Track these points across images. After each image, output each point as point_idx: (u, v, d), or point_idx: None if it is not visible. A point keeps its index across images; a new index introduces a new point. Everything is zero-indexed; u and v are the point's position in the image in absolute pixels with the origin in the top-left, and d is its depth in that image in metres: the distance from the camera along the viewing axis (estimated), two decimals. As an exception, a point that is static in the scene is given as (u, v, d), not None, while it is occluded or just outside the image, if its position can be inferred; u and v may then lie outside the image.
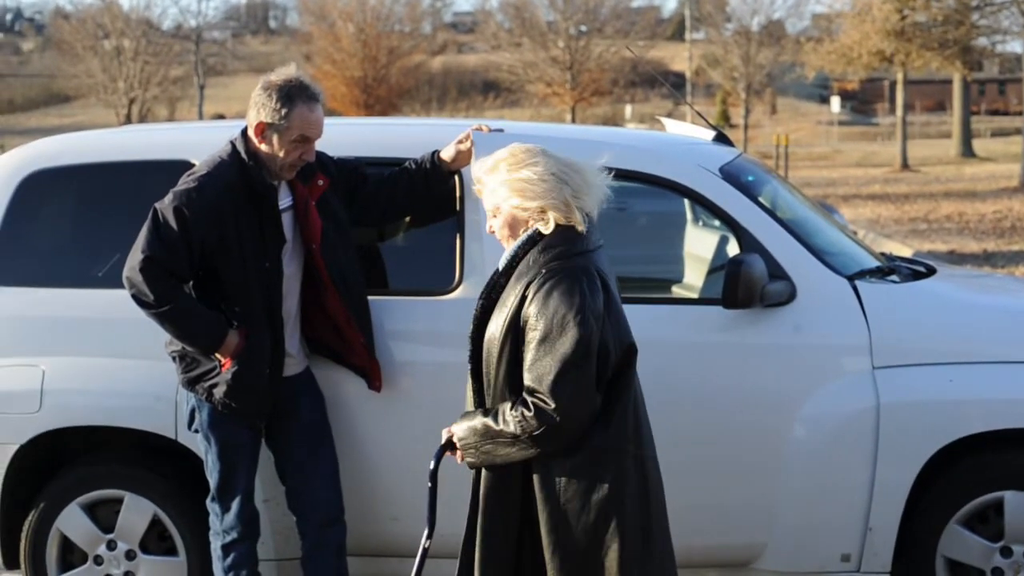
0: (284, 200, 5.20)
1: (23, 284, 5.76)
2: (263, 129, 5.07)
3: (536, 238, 4.11)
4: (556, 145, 4.31)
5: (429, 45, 72.88)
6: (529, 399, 3.98)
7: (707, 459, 5.41)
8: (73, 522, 5.63)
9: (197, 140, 5.95)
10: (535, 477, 4.07)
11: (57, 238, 6.02)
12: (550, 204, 4.08)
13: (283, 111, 5.02)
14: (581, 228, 4.11)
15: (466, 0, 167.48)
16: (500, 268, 4.17)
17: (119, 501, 5.61)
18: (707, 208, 5.63)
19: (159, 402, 5.50)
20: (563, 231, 4.09)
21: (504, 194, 4.14)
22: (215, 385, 5.11)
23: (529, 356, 4.00)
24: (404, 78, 61.94)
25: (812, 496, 5.34)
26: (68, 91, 70.78)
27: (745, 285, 5.18)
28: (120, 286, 5.10)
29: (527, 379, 4.00)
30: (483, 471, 4.14)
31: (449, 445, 4.24)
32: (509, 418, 3.99)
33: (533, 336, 3.99)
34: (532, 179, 4.09)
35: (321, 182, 5.25)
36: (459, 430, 4.15)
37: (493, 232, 4.23)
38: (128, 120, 56.35)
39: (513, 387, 4.06)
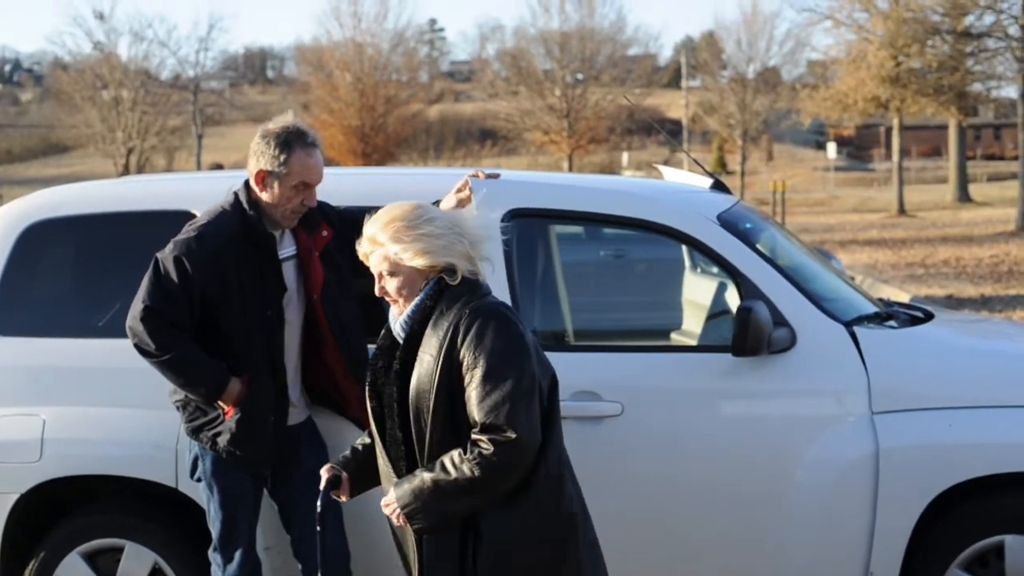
0: (288, 249, 5.22)
1: (24, 334, 5.77)
2: (263, 177, 5.10)
3: (443, 288, 4.10)
4: (557, 193, 4.34)
5: (426, 94, 73.08)
6: (484, 436, 3.94)
7: (712, 506, 5.42)
8: (74, 571, 5.61)
9: (197, 190, 5.99)
10: (485, 517, 4.03)
11: (58, 288, 6.03)
12: (455, 259, 4.08)
13: (282, 157, 5.06)
14: (482, 277, 4.15)
15: (463, 49, 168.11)
16: (403, 329, 4.13)
17: (120, 550, 5.60)
18: (707, 256, 5.65)
19: (159, 451, 5.50)
20: (466, 280, 4.10)
21: (407, 255, 4.08)
22: (219, 434, 5.12)
23: (475, 393, 3.96)
24: (401, 127, 62.09)
25: (813, 541, 5.34)
26: (66, 141, 70.89)
27: (754, 332, 5.20)
28: (120, 336, 5.11)
29: (479, 416, 3.95)
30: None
31: (331, 485, 4.30)
32: (462, 464, 3.95)
33: (476, 373, 3.96)
34: (434, 235, 4.07)
35: (325, 233, 5.28)
36: (401, 497, 4.05)
37: (385, 294, 4.16)
38: (126, 170, 56.48)
39: (451, 434, 4.02)
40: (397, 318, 4.17)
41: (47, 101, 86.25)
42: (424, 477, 4.02)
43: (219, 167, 52.61)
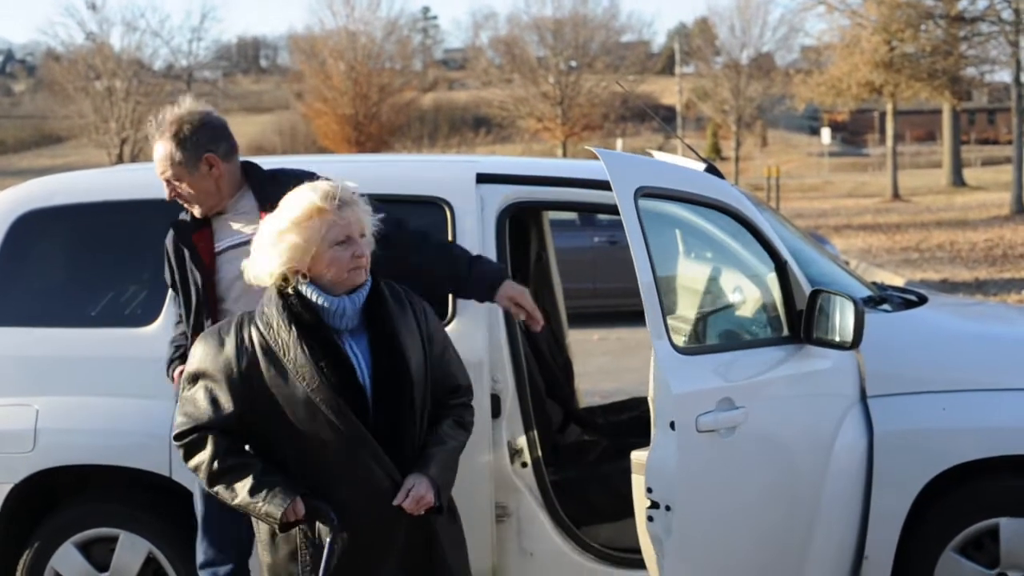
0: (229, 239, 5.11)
1: (17, 324, 5.76)
2: None
3: None
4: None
5: (420, 82, 73.02)
6: (467, 397, 4.22)
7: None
8: (68, 561, 5.61)
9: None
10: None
11: (50, 278, 6.02)
12: None
13: None
14: None
15: (456, 37, 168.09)
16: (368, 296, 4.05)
17: (114, 540, 5.60)
18: (749, 230, 5.45)
19: (153, 440, 5.48)
20: None
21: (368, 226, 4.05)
22: None
23: (453, 360, 4.24)
24: (395, 115, 62.03)
25: (808, 525, 5.33)
26: (60, 132, 70.83)
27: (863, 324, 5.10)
28: (113, 325, 5.09)
29: (463, 379, 4.26)
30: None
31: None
32: (458, 429, 4.17)
33: (445, 343, 4.23)
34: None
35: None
36: (437, 476, 3.98)
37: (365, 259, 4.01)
38: (120, 160, 56.37)
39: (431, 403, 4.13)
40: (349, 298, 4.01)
41: (40, 92, 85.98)
42: (437, 451, 4.03)
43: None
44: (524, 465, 5.44)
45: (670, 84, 79.84)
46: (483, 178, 5.64)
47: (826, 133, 57.48)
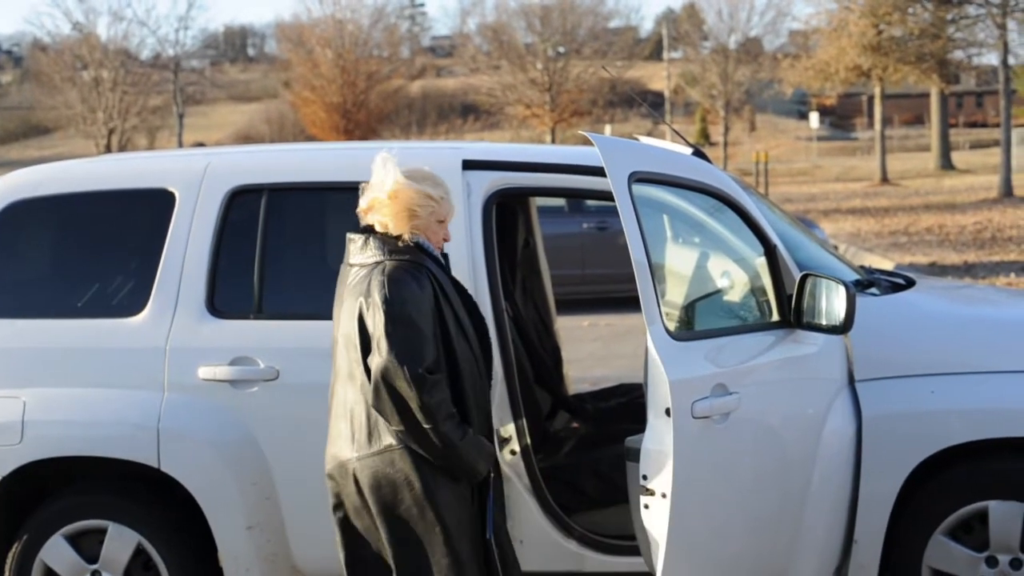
0: None
1: (3, 315, 5.74)
2: None
3: None
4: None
5: (408, 69, 72.90)
6: None
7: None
8: (57, 553, 5.60)
9: (176, 168, 5.94)
10: None
11: (37, 268, 6.01)
12: None
13: None
14: None
15: (444, 24, 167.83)
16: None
17: (103, 531, 5.59)
18: (739, 215, 5.44)
19: (141, 431, 5.47)
20: None
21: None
22: None
23: None
24: (383, 103, 61.98)
25: (797, 509, 5.32)
26: (47, 123, 70.53)
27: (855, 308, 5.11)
28: (100, 315, 5.07)
29: None
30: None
31: None
32: None
33: None
34: None
35: None
36: None
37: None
38: (108, 150, 56.22)
39: None
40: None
41: (27, 83, 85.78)
42: None
43: (200, 145, 52.42)
44: (513, 453, 5.43)
45: (658, 69, 79.74)
46: (469, 164, 5.63)
47: (814, 117, 57.51)
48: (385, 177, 4.54)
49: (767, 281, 5.35)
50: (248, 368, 5.47)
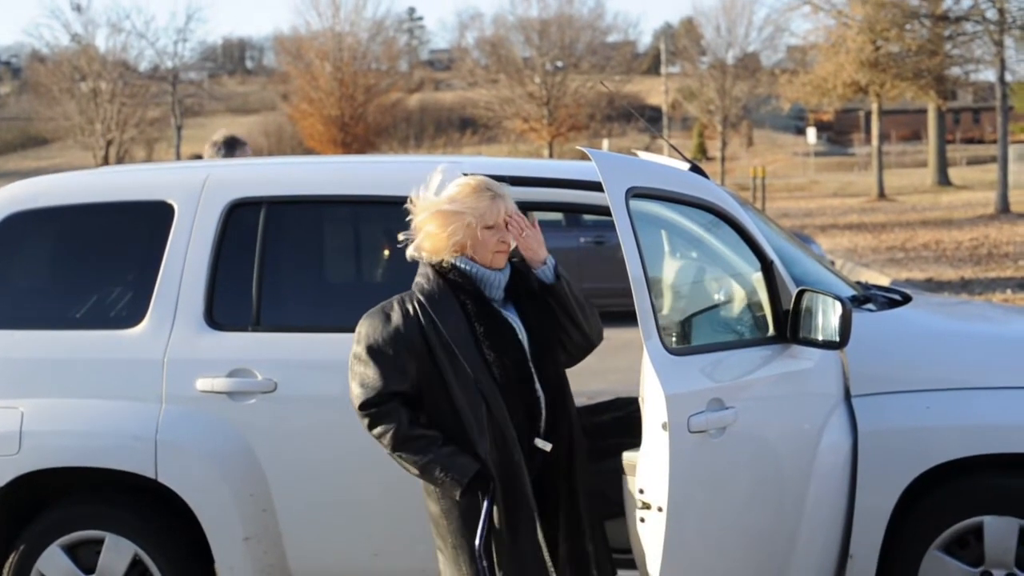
0: None
1: (2, 326, 5.74)
2: None
3: None
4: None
5: (406, 83, 72.98)
6: None
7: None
8: (54, 563, 5.61)
9: (176, 180, 5.95)
10: None
11: (36, 280, 6.02)
12: None
13: None
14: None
15: (442, 38, 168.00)
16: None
17: (100, 542, 5.59)
18: (736, 230, 5.46)
19: (139, 442, 5.48)
20: None
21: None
22: None
23: None
24: (381, 116, 62.02)
25: (793, 524, 5.34)
26: (45, 134, 70.59)
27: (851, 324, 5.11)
28: (98, 327, 5.07)
29: None
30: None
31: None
32: None
33: None
34: None
35: None
36: None
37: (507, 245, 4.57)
38: (105, 161, 56.22)
39: None
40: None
41: (25, 94, 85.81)
42: None
43: (198, 157, 52.21)
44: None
45: (656, 84, 79.88)
46: None
47: (812, 133, 57.64)
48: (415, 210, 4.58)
49: (764, 296, 5.37)
50: (246, 380, 5.48)
